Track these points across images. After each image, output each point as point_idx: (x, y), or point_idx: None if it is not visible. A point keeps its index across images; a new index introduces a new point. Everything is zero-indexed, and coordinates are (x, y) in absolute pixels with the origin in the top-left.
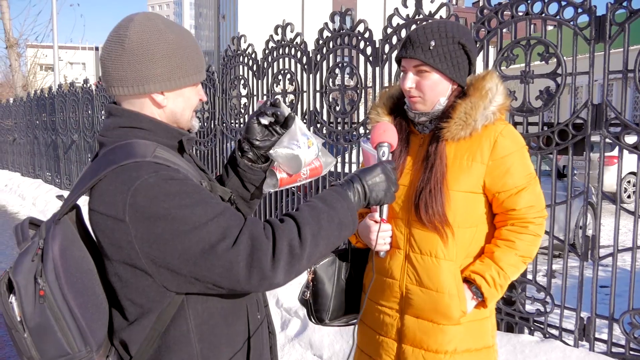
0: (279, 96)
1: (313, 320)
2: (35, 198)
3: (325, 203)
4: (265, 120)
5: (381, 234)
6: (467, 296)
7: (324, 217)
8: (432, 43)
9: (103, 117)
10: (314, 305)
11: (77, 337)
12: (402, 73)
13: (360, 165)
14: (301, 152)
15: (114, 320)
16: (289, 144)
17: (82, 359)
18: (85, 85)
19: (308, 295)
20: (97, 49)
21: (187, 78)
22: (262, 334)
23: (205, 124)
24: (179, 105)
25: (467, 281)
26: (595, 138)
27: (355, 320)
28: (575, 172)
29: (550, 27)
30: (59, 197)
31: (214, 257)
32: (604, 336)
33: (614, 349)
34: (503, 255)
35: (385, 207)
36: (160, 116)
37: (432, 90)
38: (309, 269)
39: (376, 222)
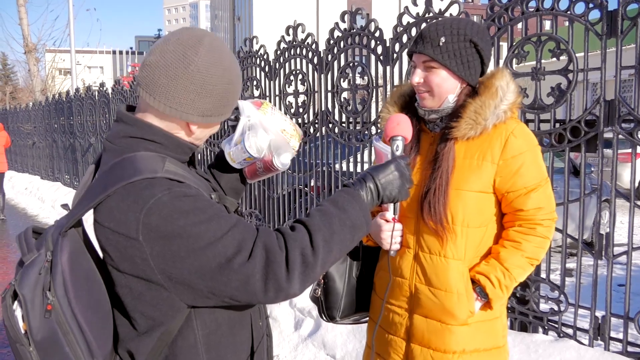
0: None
1: (324, 318)
2: (55, 201)
3: (336, 206)
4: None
5: (394, 233)
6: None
7: (335, 222)
8: (442, 39)
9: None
10: (325, 303)
11: (85, 350)
12: (412, 68)
13: (372, 164)
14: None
15: (120, 330)
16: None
17: None
18: (101, 88)
19: (319, 292)
20: (114, 52)
21: (226, 115)
22: (263, 340)
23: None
24: (205, 133)
25: (472, 282)
26: (608, 135)
27: (365, 319)
28: (592, 169)
29: (566, 23)
30: (64, 206)
31: (230, 271)
32: (620, 335)
33: (630, 349)
34: (509, 256)
35: (397, 205)
36: (183, 136)
37: (439, 86)
38: None
39: (387, 221)
